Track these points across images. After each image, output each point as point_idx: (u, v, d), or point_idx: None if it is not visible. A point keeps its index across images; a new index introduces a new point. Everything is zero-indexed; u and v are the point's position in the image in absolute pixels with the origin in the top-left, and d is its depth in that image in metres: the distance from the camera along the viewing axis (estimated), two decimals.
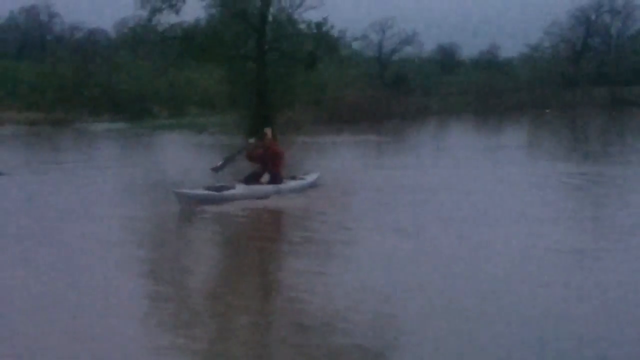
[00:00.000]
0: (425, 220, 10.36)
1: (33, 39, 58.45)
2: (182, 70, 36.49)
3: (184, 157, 23.01)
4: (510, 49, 62.08)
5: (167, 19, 30.41)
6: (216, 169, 12.60)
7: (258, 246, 9.18)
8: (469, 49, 62.82)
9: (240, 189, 11.69)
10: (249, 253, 8.91)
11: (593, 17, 57.72)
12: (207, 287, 7.51)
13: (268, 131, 12.41)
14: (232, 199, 11.38)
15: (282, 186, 12.20)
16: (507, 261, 7.95)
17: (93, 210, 11.69)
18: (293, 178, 12.78)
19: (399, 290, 6.94)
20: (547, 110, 47.13)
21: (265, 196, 11.72)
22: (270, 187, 12.02)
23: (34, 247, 9.13)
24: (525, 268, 7.65)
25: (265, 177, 12.04)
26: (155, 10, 29.71)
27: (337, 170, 16.82)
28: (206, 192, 11.38)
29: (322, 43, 31.02)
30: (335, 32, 31.62)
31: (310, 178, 13.07)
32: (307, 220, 10.65)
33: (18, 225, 10.61)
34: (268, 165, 12.15)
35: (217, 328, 6.08)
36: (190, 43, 30.19)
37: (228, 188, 11.58)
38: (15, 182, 15.54)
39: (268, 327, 6.04)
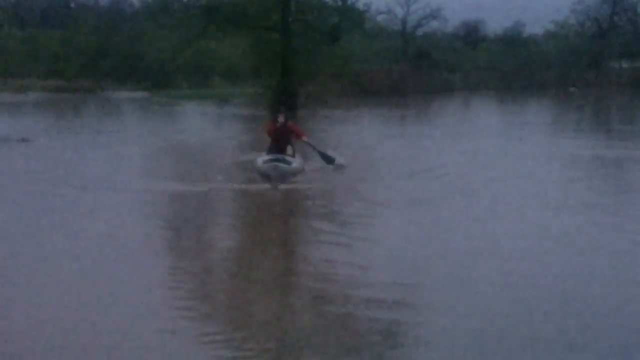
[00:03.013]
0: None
1: (56, 7, 58.46)
2: (206, 41, 36.34)
3: (211, 128, 23.07)
4: (535, 25, 61.19)
5: None
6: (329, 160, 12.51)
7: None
8: (494, 25, 62.08)
9: (296, 161, 11.93)
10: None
11: None
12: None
13: (281, 117, 12.42)
14: (297, 171, 11.72)
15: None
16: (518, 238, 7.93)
17: (123, 180, 11.75)
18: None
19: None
20: (572, 88, 46.65)
21: (303, 168, 12.15)
22: (301, 159, 12.39)
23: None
24: None
25: (290, 149, 12.36)
26: None
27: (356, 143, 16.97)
28: (291, 165, 11.64)
29: (347, 16, 30.80)
30: (360, 5, 31.50)
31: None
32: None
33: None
34: (286, 140, 12.36)
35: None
36: (215, 14, 30.01)
37: (290, 162, 11.79)
38: (40, 148, 15.59)
39: None
